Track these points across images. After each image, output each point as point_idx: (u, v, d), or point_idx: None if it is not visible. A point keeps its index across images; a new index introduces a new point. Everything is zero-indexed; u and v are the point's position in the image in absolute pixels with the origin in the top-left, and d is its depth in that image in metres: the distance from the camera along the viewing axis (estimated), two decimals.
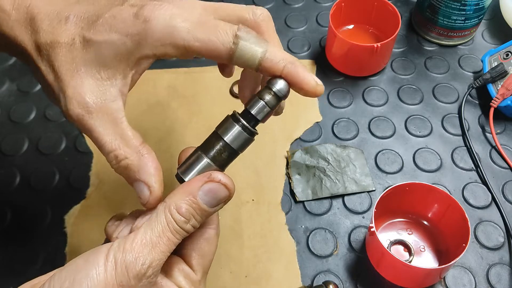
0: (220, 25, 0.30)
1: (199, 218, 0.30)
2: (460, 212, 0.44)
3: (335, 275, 0.47)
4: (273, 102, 0.32)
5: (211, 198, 0.30)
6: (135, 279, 0.28)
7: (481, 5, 0.59)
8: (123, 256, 0.28)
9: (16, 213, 0.51)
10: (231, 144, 0.32)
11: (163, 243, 0.29)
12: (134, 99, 0.59)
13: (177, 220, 0.30)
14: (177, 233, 0.30)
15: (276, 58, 0.31)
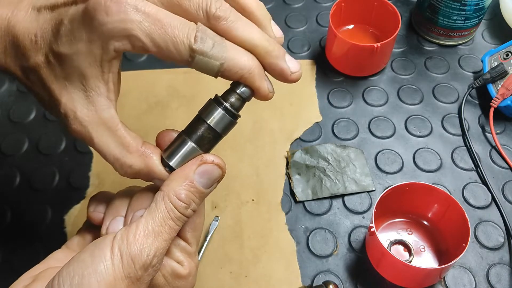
0: (176, 32, 0.29)
1: (198, 201, 0.31)
2: (460, 212, 0.44)
3: (335, 275, 0.47)
4: (247, 94, 0.33)
5: (206, 180, 0.31)
6: (142, 269, 0.28)
7: (481, 5, 0.59)
8: (128, 248, 0.28)
9: (16, 213, 0.51)
10: (214, 127, 0.32)
11: (165, 231, 0.29)
12: (134, 99, 0.59)
13: (178, 206, 0.30)
14: (178, 220, 0.30)
15: (233, 69, 0.30)
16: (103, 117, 0.31)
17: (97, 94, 0.30)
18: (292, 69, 0.33)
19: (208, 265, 0.47)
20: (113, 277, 0.28)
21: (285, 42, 0.65)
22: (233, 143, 0.55)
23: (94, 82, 0.30)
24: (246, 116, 0.57)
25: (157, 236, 0.29)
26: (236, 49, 0.30)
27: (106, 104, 0.31)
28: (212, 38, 0.29)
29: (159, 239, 0.29)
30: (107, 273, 0.28)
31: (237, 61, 0.30)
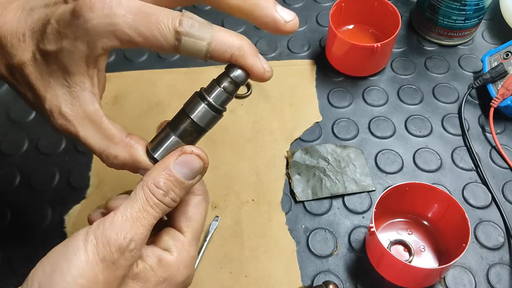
0: (160, 18, 0.29)
1: (178, 191, 0.31)
2: (460, 212, 0.44)
3: (335, 275, 0.47)
4: (231, 88, 0.32)
5: (186, 170, 0.31)
6: (118, 252, 0.28)
7: (481, 5, 0.59)
8: (104, 233, 0.28)
9: (16, 213, 0.51)
10: (198, 122, 0.32)
11: (143, 217, 0.30)
12: (134, 99, 0.59)
13: (155, 193, 0.30)
14: (157, 207, 0.30)
15: (222, 48, 0.30)
16: (88, 111, 0.31)
17: (81, 89, 0.31)
18: (286, 18, 0.31)
19: (208, 265, 0.47)
20: (86, 263, 0.27)
21: (285, 42, 0.65)
22: (233, 143, 0.55)
23: (78, 78, 0.31)
24: (246, 116, 0.58)
25: (135, 221, 0.29)
26: (224, 30, 0.31)
27: (90, 98, 0.32)
28: (198, 21, 0.30)
29: (137, 224, 0.29)
30: (79, 259, 0.27)
31: (225, 40, 0.30)
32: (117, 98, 0.59)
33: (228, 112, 0.58)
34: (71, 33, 0.29)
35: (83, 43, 0.30)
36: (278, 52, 0.64)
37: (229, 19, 0.67)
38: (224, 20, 0.67)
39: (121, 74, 0.62)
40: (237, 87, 0.32)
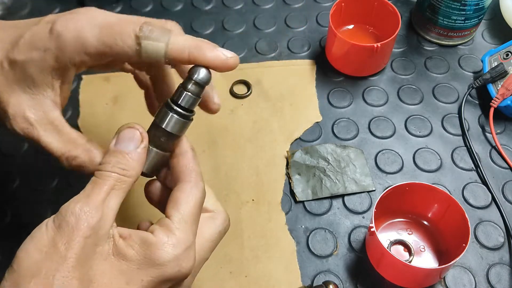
0: (123, 27, 0.33)
1: (125, 162, 0.33)
2: (460, 212, 0.44)
3: (335, 275, 0.47)
4: (197, 91, 0.35)
5: (124, 142, 0.34)
6: (72, 216, 0.30)
7: (481, 5, 0.59)
8: (60, 209, 0.31)
9: (16, 213, 0.51)
10: (170, 130, 0.35)
11: (98, 188, 0.32)
12: (134, 99, 0.59)
13: (104, 167, 0.33)
14: (108, 177, 0.32)
15: (179, 48, 0.33)
16: (50, 117, 0.35)
17: (44, 97, 0.35)
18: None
19: (208, 265, 0.47)
20: (44, 231, 0.30)
21: (285, 42, 0.65)
22: (233, 143, 0.55)
23: (42, 87, 0.35)
24: (246, 116, 0.58)
25: (89, 193, 0.32)
26: (182, 34, 0.34)
27: (52, 106, 0.35)
28: (157, 27, 0.33)
29: (92, 194, 0.31)
30: (40, 231, 0.30)
31: (182, 41, 0.33)
32: (117, 98, 0.59)
33: (228, 112, 0.58)
34: (42, 45, 0.33)
35: (52, 56, 0.33)
36: (278, 52, 0.64)
37: (229, 19, 0.67)
38: (224, 20, 0.67)
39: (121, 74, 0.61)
40: (202, 88, 0.35)
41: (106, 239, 0.31)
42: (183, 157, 0.36)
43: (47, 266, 0.28)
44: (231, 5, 0.69)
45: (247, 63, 0.62)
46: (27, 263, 0.29)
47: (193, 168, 0.36)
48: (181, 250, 0.32)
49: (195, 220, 0.34)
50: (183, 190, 0.34)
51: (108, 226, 0.31)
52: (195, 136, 0.56)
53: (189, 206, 0.34)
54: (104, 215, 0.31)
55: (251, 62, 0.62)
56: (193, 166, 0.36)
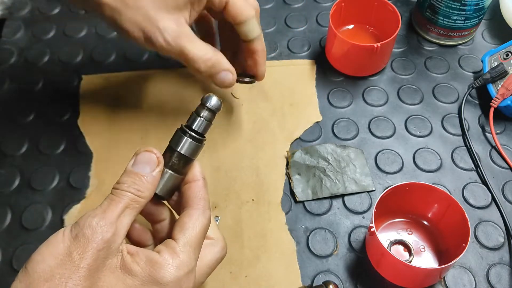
0: None
1: (140, 183, 0.35)
2: (460, 212, 0.44)
3: (335, 275, 0.47)
4: (209, 117, 0.38)
5: (141, 164, 0.36)
6: (88, 228, 0.31)
7: (481, 5, 0.59)
8: (77, 221, 0.33)
9: (16, 213, 0.51)
10: (184, 153, 0.38)
11: (113, 205, 0.33)
12: (134, 99, 0.59)
13: (119, 187, 0.34)
14: (123, 196, 0.34)
15: None
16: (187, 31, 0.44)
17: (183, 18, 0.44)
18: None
19: None
20: (61, 239, 0.31)
21: (285, 42, 0.65)
22: (233, 143, 0.55)
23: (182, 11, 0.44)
24: (246, 116, 0.58)
25: (105, 209, 0.33)
26: None
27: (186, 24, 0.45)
28: None
29: (108, 210, 0.33)
30: (56, 239, 0.32)
31: None
32: (117, 98, 0.59)
33: (228, 112, 0.58)
34: None
35: None
36: (278, 52, 0.64)
37: None
38: None
39: (121, 74, 0.62)
40: (214, 114, 0.39)
41: (116, 253, 0.32)
42: (195, 184, 0.38)
43: (61, 273, 0.30)
44: None
45: None
46: (42, 267, 0.30)
47: (202, 196, 0.38)
48: (183, 272, 0.33)
49: (199, 246, 0.36)
50: (190, 215, 0.36)
51: (120, 242, 0.33)
52: None
53: (194, 232, 0.35)
54: (117, 230, 0.32)
55: None
56: (203, 194, 0.38)
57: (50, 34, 0.66)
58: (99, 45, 0.65)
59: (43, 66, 0.63)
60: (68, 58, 0.64)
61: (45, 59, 0.64)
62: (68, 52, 0.64)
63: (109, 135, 0.56)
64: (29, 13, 0.69)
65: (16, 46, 0.65)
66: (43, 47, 0.65)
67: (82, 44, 0.65)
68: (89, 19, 0.68)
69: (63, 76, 0.62)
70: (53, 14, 0.69)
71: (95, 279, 0.31)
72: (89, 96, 0.60)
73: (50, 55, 0.64)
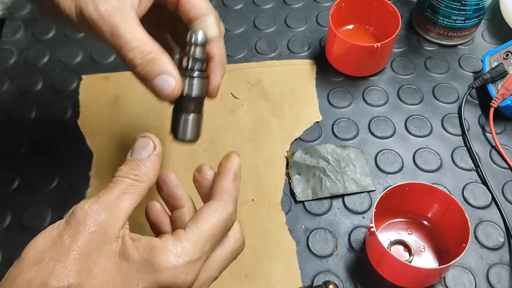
0: None
1: (139, 169, 0.34)
2: (460, 212, 0.44)
3: (335, 275, 0.47)
4: (202, 53, 0.38)
5: (134, 150, 0.35)
6: (81, 212, 0.30)
7: (481, 5, 0.59)
8: (72, 209, 0.31)
9: (16, 213, 0.51)
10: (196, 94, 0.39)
11: (110, 190, 0.33)
12: (134, 99, 0.59)
13: (118, 174, 0.34)
14: (121, 182, 0.33)
15: None
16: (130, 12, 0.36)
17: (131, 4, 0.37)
18: None
19: None
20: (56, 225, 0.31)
21: (285, 42, 0.65)
22: (233, 143, 0.55)
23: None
24: (246, 116, 0.58)
25: (101, 195, 0.32)
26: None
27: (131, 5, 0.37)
28: None
29: (104, 195, 0.32)
30: (52, 226, 0.31)
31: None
32: (117, 98, 0.59)
33: (228, 112, 0.58)
34: None
35: None
36: (278, 52, 0.64)
37: (229, 19, 0.67)
38: (224, 20, 0.67)
39: (121, 74, 0.62)
40: (204, 47, 0.38)
41: (115, 238, 0.31)
42: (224, 177, 0.36)
43: (50, 256, 0.29)
44: (231, 5, 0.69)
45: (247, 63, 0.62)
46: (33, 252, 0.30)
47: (228, 190, 0.35)
48: (183, 261, 0.31)
49: (212, 238, 0.33)
50: (209, 206, 0.34)
51: (118, 226, 0.31)
52: None
53: (209, 223, 0.33)
54: (114, 214, 0.31)
55: (251, 62, 0.62)
56: (229, 188, 0.35)
57: (50, 34, 0.66)
58: (99, 45, 0.65)
59: (43, 66, 0.63)
60: (68, 58, 0.64)
61: (45, 59, 0.64)
62: (68, 52, 0.64)
63: (109, 135, 0.56)
64: (29, 13, 0.69)
65: (16, 46, 0.65)
66: (43, 47, 0.65)
67: (82, 44, 0.65)
68: None
69: (63, 76, 0.62)
70: None
71: (88, 263, 0.29)
72: (89, 96, 0.60)
73: (50, 55, 0.64)
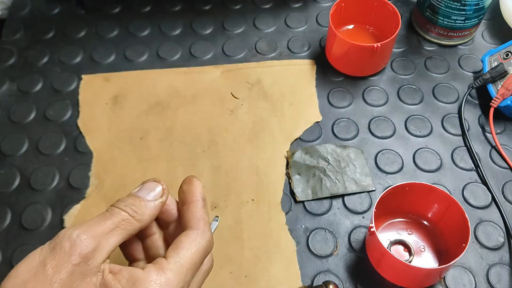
0: None
1: (140, 206, 0.33)
2: (460, 212, 0.44)
3: (335, 275, 0.47)
4: None
5: (145, 190, 0.35)
6: (67, 241, 0.29)
7: (481, 5, 0.59)
8: (58, 234, 0.30)
9: (16, 213, 0.51)
10: None
11: (102, 221, 0.31)
12: (134, 99, 0.59)
13: (116, 204, 0.33)
14: (117, 214, 0.32)
15: None
16: None
17: None
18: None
19: None
20: (39, 251, 0.29)
21: (285, 42, 0.65)
22: (233, 143, 0.55)
23: None
24: (246, 116, 0.58)
25: (92, 224, 0.31)
26: None
27: None
28: None
29: (95, 225, 0.31)
30: (35, 251, 0.30)
31: None
32: (117, 98, 0.59)
33: (228, 113, 0.58)
34: None
35: None
36: (278, 52, 0.64)
37: (228, 20, 0.67)
38: (224, 20, 0.67)
39: (121, 74, 0.62)
40: None
41: (95, 272, 0.30)
42: (194, 205, 0.36)
43: (32, 287, 0.28)
44: (231, 5, 0.69)
45: (247, 63, 0.62)
46: (14, 282, 0.29)
47: (202, 217, 0.36)
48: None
49: (193, 267, 0.33)
50: (188, 235, 0.34)
51: (101, 260, 0.30)
52: (195, 136, 0.56)
53: (190, 252, 0.33)
54: (100, 248, 0.30)
55: (251, 62, 0.62)
56: (202, 215, 0.36)
57: (50, 34, 0.66)
58: (99, 45, 0.65)
59: (43, 66, 0.63)
60: (68, 58, 0.64)
61: (45, 59, 0.64)
62: (68, 52, 0.64)
63: (109, 135, 0.56)
64: (29, 13, 0.69)
65: (16, 46, 0.65)
66: (43, 47, 0.65)
67: (82, 44, 0.65)
68: (89, 19, 0.68)
69: (63, 76, 0.62)
70: (53, 14, 0.69)
71: None
72: (89, 96, 0.60)
73: (50, 55, 0.64)
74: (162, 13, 0.68)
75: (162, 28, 0.67)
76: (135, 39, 0.65)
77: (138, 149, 0.55)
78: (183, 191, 0.37)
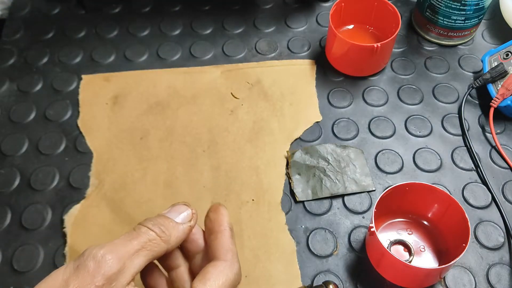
0: None
1: (167, 227, 0.33)
2: (460, 212, 0.44)
3: (335, 275, 0.47)
4: None
5: (174, 212, 0.34)
6: (92, 260, 0.29)
7: (481, 5, 0.59)
8: (83, 252, 0.30)
9: (16, 213, 0.51)
10: None
11: (128, 240, 0.31)
12: (134, 99, 0.59)
13: (144, 223, 0.32)
14: (144, 234, 0.31)
15: None
16: None
17: None
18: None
19: None
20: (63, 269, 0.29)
21: (285, 42, 0.65)
22: (233, 143, 0.55)
23: None
24: (246, 116, 0.58)
25: (118, 243, 0.30)
26: None
27: None
28: None
29: (120, 244, 0.30)
30: (59, 269, 0.29)
31: None
32: (117, 98, 0.59)
33: (228, 113, 0.58)
34: None
35: None
36: (278, 52, 0.64)
37: (228, 20, 0.67)
38: (224, 20, 0.67)
39: (121, 74, 0.62)
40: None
41: None
42: (222, 235, 0.35)
43: None
44: (231, 5, 0.69)
45: (247, 62, 0.62)
46: None
47: (230, 248, 0.35)
48: None
49: None
50: (216, 266, 0.33)
51: (125, 282, 0.29)
52: (195, 136, 0.56)
53: (217, 284, 0.32)
54: (125, 269, 0.30)
55: (251, 62, 0.62)
56: (230, 246, 0.35)
57: (50, 34, 0.66)
58: (99, 45, 0.65)
59: (43, 66, 0.63)
60: (68, 58, 0.64)
61: (45, 59, 0.64)
62: (68, 52, 0.64)
63: (109, 135, 0.56)
64: (29, 13, 0.69)
65: (16, 46, 0.65)
66: (43, 47, 0.65)
67: (82, 44, 0.65)
68: (89, 19, 0.68)
69: (63, 76, 0.62)
70: (53, 14, 0.69)
71: None
72: (89, 96, 0.60)
73: (50, 55, 0.64)
74: (162, 13, 0.68)
75: (162, 28, 0.67)
76: (135, 39, 0.65)
77: (138, 149, 0.55)
78: (210, 219, 0.36)
